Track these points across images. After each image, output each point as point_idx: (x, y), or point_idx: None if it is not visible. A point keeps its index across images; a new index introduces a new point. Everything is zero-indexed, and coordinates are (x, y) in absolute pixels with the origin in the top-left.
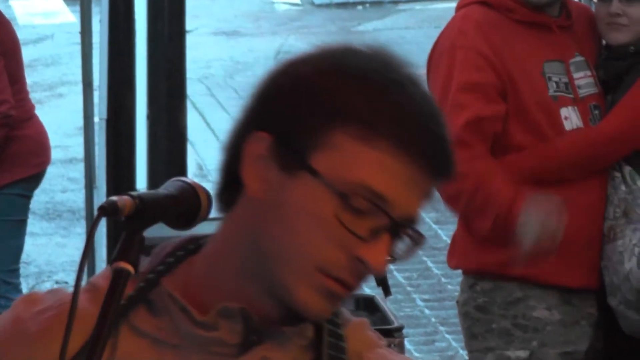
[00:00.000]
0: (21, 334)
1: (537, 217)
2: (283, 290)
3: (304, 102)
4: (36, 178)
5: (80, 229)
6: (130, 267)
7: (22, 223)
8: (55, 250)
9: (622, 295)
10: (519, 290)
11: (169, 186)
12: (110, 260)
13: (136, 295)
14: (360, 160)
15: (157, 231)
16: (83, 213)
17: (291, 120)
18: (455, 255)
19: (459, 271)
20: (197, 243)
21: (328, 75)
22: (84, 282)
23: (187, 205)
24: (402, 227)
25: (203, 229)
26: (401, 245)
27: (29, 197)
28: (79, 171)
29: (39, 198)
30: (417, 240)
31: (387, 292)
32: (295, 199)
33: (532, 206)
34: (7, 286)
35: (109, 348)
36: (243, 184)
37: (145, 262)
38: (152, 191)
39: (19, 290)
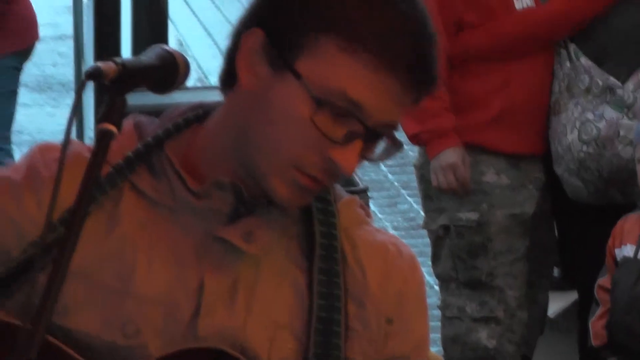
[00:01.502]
0: (35, 178)
1: (446, 165)
2: (260, 178)
3: (298, 5)
4: (26, 52)
5: (70, 100)
6: (113, 128)
7: (13, 94)
8: (45, 119)
9: (565, 164)
10: (469, 156)
11: (149, 52)
12: (96, 122)
13: (140, 153)
14: (342, 70)
15: (140, 98)
16: (72, 85)
17: (284, 21)
18: (412, 123)
19: None
20: (204, 109)
21: None
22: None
23: (166, 72)
24: (376, 134)
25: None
26: (379, 148)
27: (19, 70)
28: (68, 47)
29: (30, 71)
30: (394, 145)
31: None
32: (278, 98)
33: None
34: (1, 152)
35: (111, 203)
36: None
37: (153, 124)
38: (135, 57)
39: (11, 155)
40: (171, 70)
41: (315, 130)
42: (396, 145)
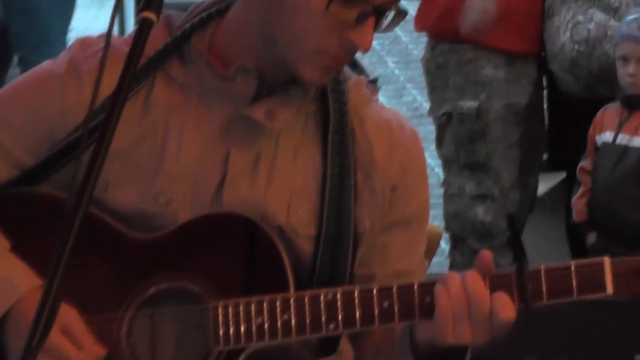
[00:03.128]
0: (76, 71)
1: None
2: (289, 65)
3: None
4: None
5: (112, 2)
6: (154, 17)
7: None
8: (91, 20)
9: (559, 62)
10: (471, 52)
11: None
12: (137, 11)
13: (170, 46)
14: None
15: None
16: None
17: None
18: (420, 20)
19: (424, 38)
20: (225, 4)
21: None
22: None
23: None
24: (384, 9)
25: None
26: (386, 20)
27: None
28: None
29: None
30: (400, 14)
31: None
32: None
33: None
34: (62, 47)
35: (145, 91)
36: None
37: (180, 19)
38: None
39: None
40: None
41: (330, 19)
42: (401, 15)
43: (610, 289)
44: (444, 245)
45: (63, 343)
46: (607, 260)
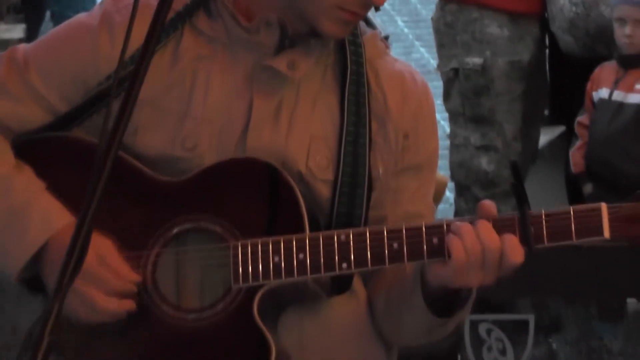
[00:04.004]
0: (109, 22)
1: None
2: (310, 20)
3: None
4: None
5: None
6: None
7: None
8: None
9: (559, 23)
10: (477, 11)
11: None
12: None
13: (198, 0)
14: None
15: None
16: None
17: None
18: None
19: None
20: None
21: None
22: None
23: None
24: None
25: None
26: None
27: None
28: None
29: None
30: None
31: (376, 8)
32: None
33: None
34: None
35: (173, 42)
36: None
37: None
38: None
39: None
40: None
41: None
42: None
43: (607, 233)
44: (449, 193)
45: (100, 269)
46: (604, 206)
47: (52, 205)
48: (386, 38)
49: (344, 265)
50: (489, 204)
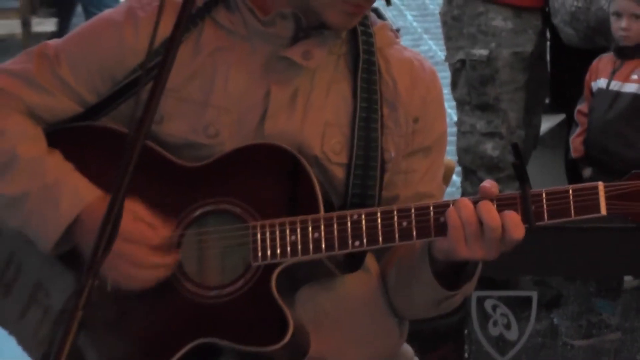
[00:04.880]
0: (134, 18)
1: None
2: (317, 12)
3: None
4: None
5: None
6: None
7: None
8: None
9: (561, 16)
10: (482, 5)
11: None
12: None
13: None
14: None
15: None
16: None
17: None
18: None
19: None
20: None
21: None
22: None
23: None
24: None
25: None
26: None
27: None
28: None
29: None
30: None
31: (388, 2)
32: None
33: None
34: None
35: (195, 36)
36: None
37: None
38: None
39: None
40: None
41: None
42: None
43: (603, 210)
44: (456, 177)
45: (138, 224)
46: (601, 185)
47: (81, 182)
48: (397, 31)
49: (357, 243)
50: (488, 186)
